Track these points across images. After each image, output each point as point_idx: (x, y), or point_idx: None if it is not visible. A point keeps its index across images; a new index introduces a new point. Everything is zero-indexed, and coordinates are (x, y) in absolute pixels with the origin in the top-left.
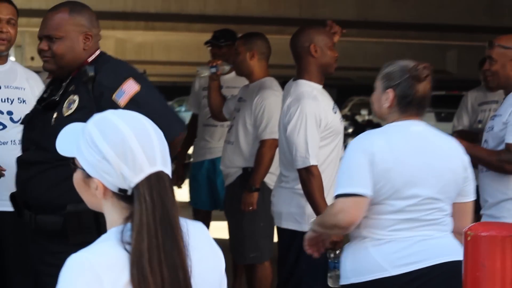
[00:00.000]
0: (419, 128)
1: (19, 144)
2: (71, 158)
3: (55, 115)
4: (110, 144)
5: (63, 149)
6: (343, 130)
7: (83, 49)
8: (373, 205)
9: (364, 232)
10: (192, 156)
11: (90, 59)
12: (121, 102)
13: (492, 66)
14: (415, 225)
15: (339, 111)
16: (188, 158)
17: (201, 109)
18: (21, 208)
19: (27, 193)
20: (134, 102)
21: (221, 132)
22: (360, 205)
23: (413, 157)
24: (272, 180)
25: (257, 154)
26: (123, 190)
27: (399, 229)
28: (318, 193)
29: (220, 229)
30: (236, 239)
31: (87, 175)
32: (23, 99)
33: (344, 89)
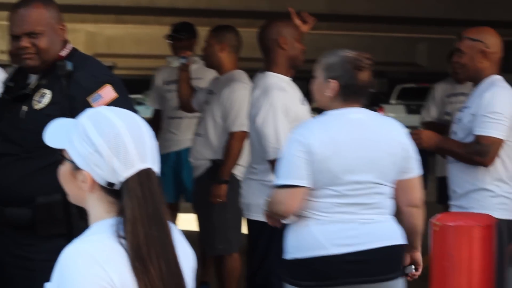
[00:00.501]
0: (358, 115)
1: None
2: (60, 150)
3: (24, 108)
4: (103, 138)
5: (52, 141)
6: None
7: (61, 41)
8: (314, 190)
9: (306, 213)
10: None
11: (63, 53)
12: (96, 106)
13: (461, 59)
14: (355, 209)
15: (309, 103)
16: None
17: (166, 102)
18: None
19: None
20: None
21: (187, 123)
22: (296, 196)
23: (351, 145)
24: (241, 172)
25: (226, 146)
26: (111, 184)
27: (340, 212)
28: None
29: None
30: (205, 231)
31: (76, 167)
32: None
33: None
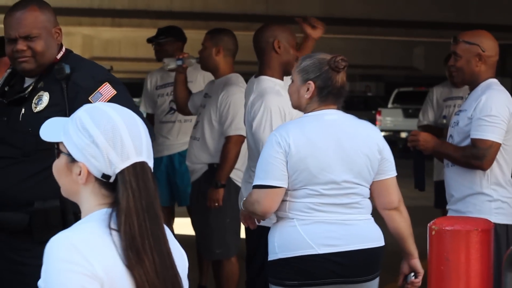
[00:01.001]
0: (334, 116)
1: None
2: (56, 144)
3: (22, 111)
4: (100, 129)
5: (48, 135)
6: None
7: (57, 45)
8: (294, 191)
9: (290, 215)
10: None
11: (58, 56)
12: None
13: (457, 62)
14: (337, 209)
15: None
16: None
17: (157, 107)
18: None
19: None
20: None
21: (178, 128)
22: (273, 197)
23: (327, 145)
24: (238, 176)
25: (222, 150)
26: (106, 176)
27: (322, 211)
28: None
29: (183, 226)
30: (202, 235)
31: (72, 160)
32: None
33: None
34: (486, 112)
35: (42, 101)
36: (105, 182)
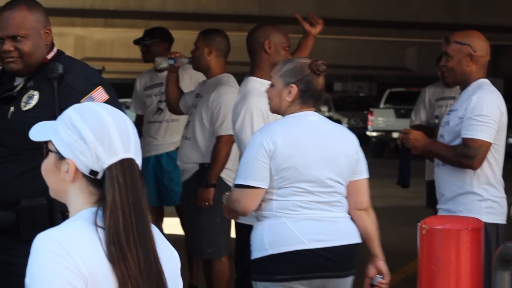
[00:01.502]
0: (315, 118)
1: None
2: (44, 143)
3: (11, 110)
4: (89, 126)
5: (37, 135)
6: None
7: (46, 45)
8: (280, 189)
9: (277, 213)
10: None
11: (49, 56)
12: None
13: (448, 62)
14: (322, 207)
15: None
16: None
17: (146, 107)
18: None
19: None
20: None
21: (166, 128)
22: (252, 197)
23: (312, 144)
24: (228, 176)
25: (213, 150)
26: (94, 173)
27: (310, 208)
28: None
29: (171, 225)
30: (193, 235)
31: (60, 157)
32: None
33: None
34: (477, 112)
35: (32, 100)
36: (92, 179)
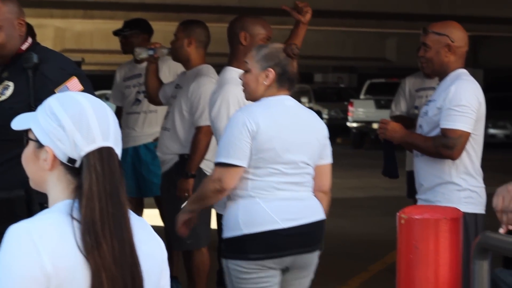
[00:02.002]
0: (291, 102)
1: None
2: (25, 133)
3: None
4: (68, 113)
5: (18, 124)
6: None
7: (19, 36)
8: (257, 169)
9: (252, 193)
10: None
11: (24, 47)
12: None
13: (426, 53)
14: (292, 187)
15: None
16: None
17: (124, 98)
18: None
19: None
20: None
21: (143, 119)
22: (236, 175)
23: (290, 127)
24: (208, 167)
25: (192, 140)
26: (71, 160)
27: (283, 189)
28: None
29: (151, 217)
30: (173, 226)
31: (39, 145)
32: None
33: None
34: (456, 102)
35: (7, 90)
36: (71, 168)
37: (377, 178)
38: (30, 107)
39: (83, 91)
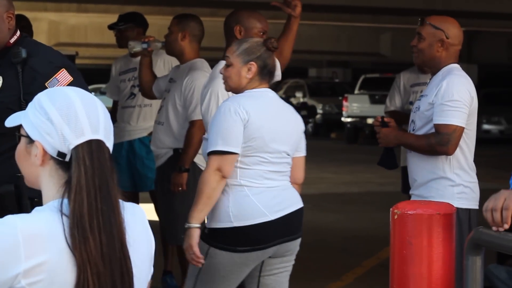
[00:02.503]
0: (273, 95)
1: None
2: (18, 129)
3: None
4: (55, 106)
5: (10, 121)
6: None
7: (8, 29)
8: (247, 157)
9: (242, 182)
10: None
11: (12, 40)
12: None
13: (419, 43)
14: (278, 176)
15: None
16: None
17: (120, 92)
18: None
19: None
20: None
21: (138, 112)
22: (233, 162)
23: (275, 118)
24: (202, 161)
25: (186, 134)
26: (61, 155)
27: (269, 178)
28: None
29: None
30: (167, 220)
31: (30, 141)
32: None
33: None
34: (448, 97)
35: None
36: (61, 162)
37: (371, 173)
38: (20, 101)
39: (72, 81)
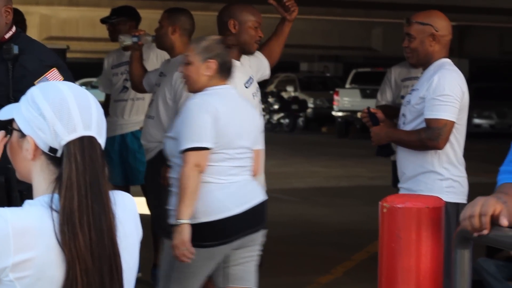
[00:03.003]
0: (234, 91)
1: None
2: (10, 123)
3: None
4: (48, 102)
5: (3, 114)
6: (271, 106)
7: (5, 23)
8: (213, 154)
9: (208, 178)
10: None
11: (7, 35)
12: None
13: (411, 43)
14: (239, 171)
15: (266, 87)
16: None
17: (112, 86)
18: None
19: None
20: None
21: (131, 106)
22: (207, 157)
23: (239, 115)
24: None
25: None
26: (53, 150)
27: (233, 174)
28: None
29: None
30: (157, 214)
31: (22, 135)
32: None
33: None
34: (439, 92)
35: None
36: (53, 157)
37: (362, 167)
38: (9, 98)
39: (64, 80)
